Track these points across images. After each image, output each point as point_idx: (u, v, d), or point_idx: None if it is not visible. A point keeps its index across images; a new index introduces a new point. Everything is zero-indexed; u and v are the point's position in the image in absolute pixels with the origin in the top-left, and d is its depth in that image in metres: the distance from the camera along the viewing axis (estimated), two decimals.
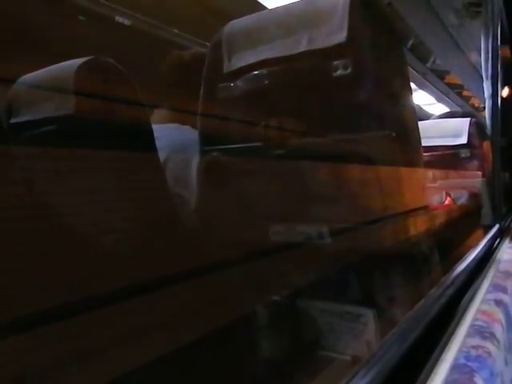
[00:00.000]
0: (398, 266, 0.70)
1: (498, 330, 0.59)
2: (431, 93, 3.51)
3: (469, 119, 1.81)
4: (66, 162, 0.36)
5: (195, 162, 0.78)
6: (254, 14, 0.70)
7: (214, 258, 0.46)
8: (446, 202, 1.50)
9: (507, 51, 1.84)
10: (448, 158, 2.04)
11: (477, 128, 1.81)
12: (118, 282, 0.35)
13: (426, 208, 0.94)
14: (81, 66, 0.46)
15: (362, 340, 0.58)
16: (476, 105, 3.99)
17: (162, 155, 0.63)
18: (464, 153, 2.02)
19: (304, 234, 0.63)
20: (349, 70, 0.58)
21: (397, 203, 0.75)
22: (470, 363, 0.48)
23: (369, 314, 0.58)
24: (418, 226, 0.87)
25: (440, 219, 1.21)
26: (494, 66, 1.41)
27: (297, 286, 0.60)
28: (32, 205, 0.34)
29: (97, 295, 0.33)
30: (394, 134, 0.67)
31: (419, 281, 0.77)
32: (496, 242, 1.21)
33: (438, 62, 3.01)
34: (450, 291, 0.70)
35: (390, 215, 0.70)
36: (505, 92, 1.82)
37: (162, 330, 0.38)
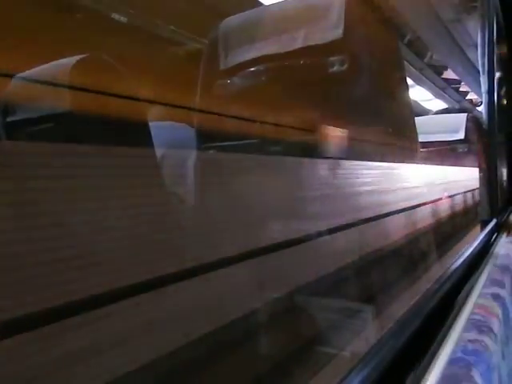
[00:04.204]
0: None
1: (495, 324, 0.59)
2: (429, 88, 3.50)
3: (466, 114, 1.81)
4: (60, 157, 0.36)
5: (192, 159, 0.77)
6: (250, 11, 0.70)
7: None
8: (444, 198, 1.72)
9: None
10: (445, 154, 2.04)
11: (474, 123, 1.81)
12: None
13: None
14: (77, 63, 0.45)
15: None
16: (474, 100, 3.99)
17: (158, 152, 0.63)
18: (461, 148, 2.02)
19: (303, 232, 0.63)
20: (344, 66, 0.58)
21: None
22: (467, 357, 0.48)
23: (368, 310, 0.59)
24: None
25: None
26: (491, 61, 1.41)
27: None
28: None
29: None
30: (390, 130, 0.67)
31: None
32: (493, 237, 1.21)
33: (435, 57, 3.01)
34: (447, 286, 0.71)
35: None
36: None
37: None
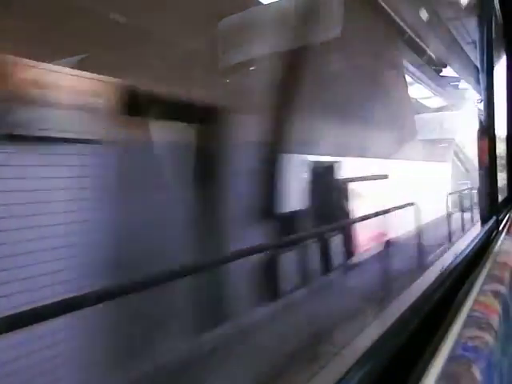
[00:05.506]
0: None
1: (495, 321, 0.59)
2: (428, 87, 3.50)
3: None
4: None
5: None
6: (248, 10, 0.70)
7: None
8: None
9: None
10: (445, 151, 2.05)
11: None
12: None
13: None
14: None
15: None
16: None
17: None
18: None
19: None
20: (343, 64, 0.58)
21: None
22: (467, 354, 0.48)
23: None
24: None
25: None
26: (489, 58, 1.41)
27: None
28: None
29: None
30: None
31: None
32: (493, 234, 1.21)
33: (434, 55, 3.00)
34: (447, 283, 0.71)
35: None
36: None
37: None
